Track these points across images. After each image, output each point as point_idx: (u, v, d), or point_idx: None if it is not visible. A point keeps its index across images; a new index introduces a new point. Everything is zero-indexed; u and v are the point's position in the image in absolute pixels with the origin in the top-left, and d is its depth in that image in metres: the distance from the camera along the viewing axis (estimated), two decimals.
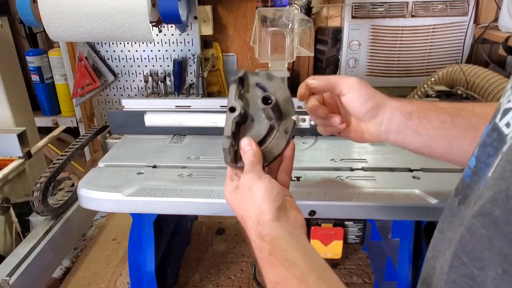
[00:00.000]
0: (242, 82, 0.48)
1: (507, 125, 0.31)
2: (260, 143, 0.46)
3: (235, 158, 0.46)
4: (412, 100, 0.51)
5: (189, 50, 1.29)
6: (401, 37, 1.26)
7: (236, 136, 0.46)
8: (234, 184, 0.46)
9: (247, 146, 0.46)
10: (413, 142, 0.51)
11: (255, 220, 0.42)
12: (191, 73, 1.31)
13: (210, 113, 0.71)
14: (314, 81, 0.52)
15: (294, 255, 0.39)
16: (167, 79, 1.32)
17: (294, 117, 0.47)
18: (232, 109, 0.45)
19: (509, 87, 0.34)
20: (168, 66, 1.31)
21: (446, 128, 0.49)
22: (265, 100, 0.44)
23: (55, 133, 1.16)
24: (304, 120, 0.51)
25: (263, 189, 0.43)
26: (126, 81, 1.34)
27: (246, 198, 0.44)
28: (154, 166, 0.74)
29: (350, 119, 0.55)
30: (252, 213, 0.43)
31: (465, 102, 0.50)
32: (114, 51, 1.30)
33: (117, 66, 1.32)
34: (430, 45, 1.27)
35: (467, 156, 0.46)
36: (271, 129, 0.47)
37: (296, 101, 0.49)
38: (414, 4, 1.24)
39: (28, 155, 1.00)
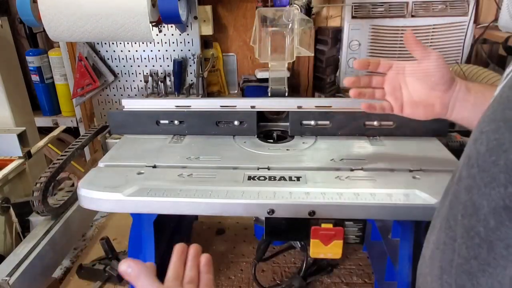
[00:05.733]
0: None
1: None
2: None
3: None
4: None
5: (189, 50, 1.29)
6: (401, 37, 1.26)
7: None
8: None
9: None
10: (470, 116, 0.56)
11: None
12: (191, 73, 1.31)
13: None
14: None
15: None
16: (167, 79, 1.32)
17: None
18: None
19: None
20: (168, 66, 1.31)
21: None
22: None
23: (55, 133, 1.17)
24: None
25: None
26: (126, 81, 1.34)
27: None
28: (154, 166, 0.74)
29: (418, 95, 0.61)
30: None
31: None
32: (114, 51, 1.30)
33: (117, 66, 1.32)
34: (430, 45, 1.27)
35: None
36: None
37: None
38: (414, 4, 1.24)
39: (28, 155, 1.00)
